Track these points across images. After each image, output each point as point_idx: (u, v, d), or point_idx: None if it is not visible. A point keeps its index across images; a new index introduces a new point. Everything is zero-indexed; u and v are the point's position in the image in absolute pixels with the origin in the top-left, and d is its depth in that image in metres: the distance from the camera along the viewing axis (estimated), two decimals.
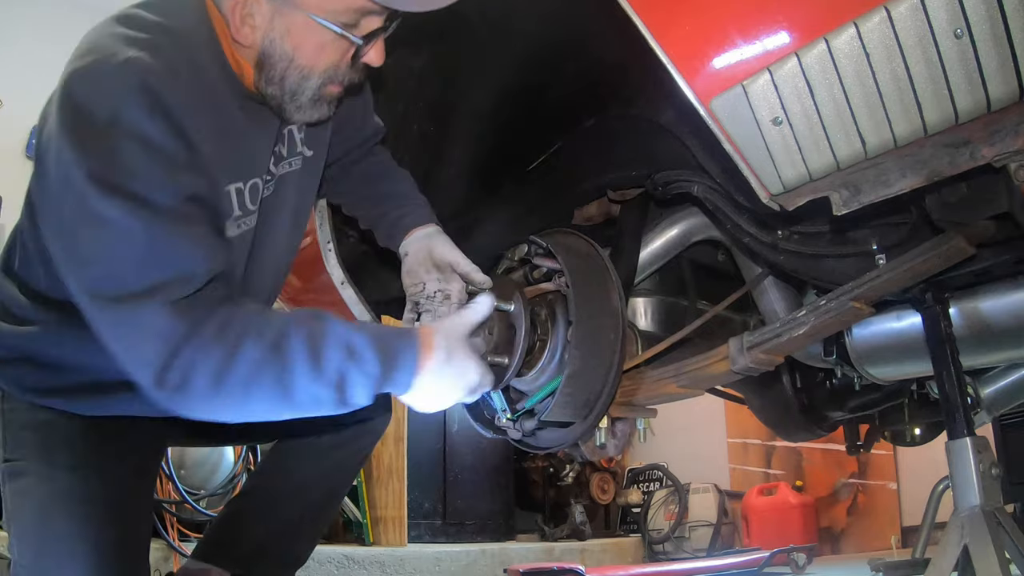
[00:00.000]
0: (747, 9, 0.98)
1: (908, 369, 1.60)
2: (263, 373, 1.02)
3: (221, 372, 1.00)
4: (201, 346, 1.00)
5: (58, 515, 1.20)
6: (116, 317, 1.00)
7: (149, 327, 0.99)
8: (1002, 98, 0.91)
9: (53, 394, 1.25)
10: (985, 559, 1.15)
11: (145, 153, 1.01)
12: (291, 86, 1.16)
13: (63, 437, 1.24)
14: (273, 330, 1.04)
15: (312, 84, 1.16)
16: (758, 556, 3.96)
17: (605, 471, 5.68)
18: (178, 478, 3.10)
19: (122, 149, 0.99)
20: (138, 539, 1.32)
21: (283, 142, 1.32)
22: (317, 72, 1.15)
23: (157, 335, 0.99)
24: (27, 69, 3.69)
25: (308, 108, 1.19)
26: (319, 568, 3.24)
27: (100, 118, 1.00)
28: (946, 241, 1.17)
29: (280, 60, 1.13)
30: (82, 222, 1.00)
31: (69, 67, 1.04)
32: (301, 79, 1.15)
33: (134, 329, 1.00)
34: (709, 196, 1.40)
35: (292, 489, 1.56)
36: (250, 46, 1.14)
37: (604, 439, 1.48)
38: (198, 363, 0.99)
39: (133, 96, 1.00)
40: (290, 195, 1.36)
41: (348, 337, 1.08)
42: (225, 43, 1.15)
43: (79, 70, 1.03)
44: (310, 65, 1.14)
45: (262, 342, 1.03)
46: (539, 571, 3.53)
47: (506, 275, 1.52)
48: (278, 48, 1.12)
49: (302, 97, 1.17)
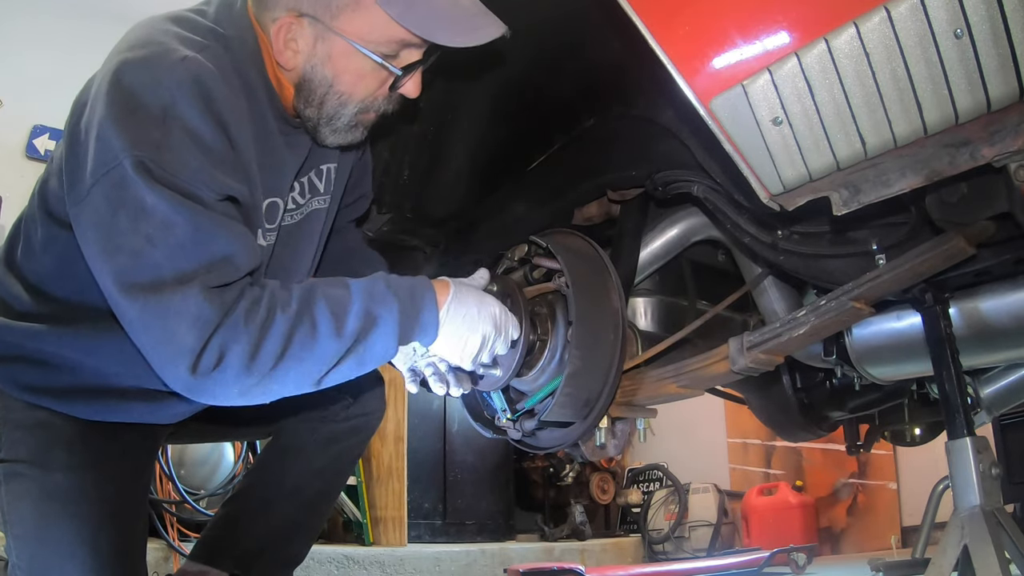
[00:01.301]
0: (747, 9, 0.98)
1: (908, 369, 1.59)
2: (292, 344, 1.03)
3: (254, 350, 1.01)
4: (233, 327, 1.00)
5: (56, 516, 1.20)
6: (149, 308, 0.99)
7: (185, 314, 0.99)
8: (1002, 98, 0.91)
9: (50, 394, 1.24)
10: (985, 559, 1.15)
11: (194, 148, 1.02)
12: (329, 111, 1.19)
13: (60, 437, 1.24)
14: (298, 300, 1.06)
15: (349, 111, 1.19)
16: (758, 556, 3.95)
17: (605, 471, 5.68)
18: (178, 478, 3.10)
19: (172, 141, 1.01)
20: (135, 539, 1.32)
21: (320, 177, 1.35)
22: (355, 100, 1.19)
23: (193, 322, 0.99)
24: (27, 69, 3.69)
25: (343, 132, 1.23)
26: (319, 568, 3.24)
27: (153, 108, 1.01)
28: (946, 241, 1.17)
29: (320, 85, 1.16)
30: (122, 209, 1.00)
31: (119, 56, 1.05)
32: (339, 105, 1.18)
33: (168, 318, 0.99)
34: (709, 196, 1.40)
35: (287, 488, 1.56)
36: (292, 69, 1.16)
37: (604, 439, 1.48)
38: (231, 343, 1.00)
39: (188, 92, 1.02)
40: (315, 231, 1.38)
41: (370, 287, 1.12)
42: (268, 61, 1.18)
43: (133, 60, 1.04)
44: (349, 92, 1.17)
45: (288, 313, 1.04)
46: (539, 571, 3.53)
47: (506, 275, 1.52)
48: (319, 73, 1.15)
49: (338, 122, 1.20)
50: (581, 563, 4.16)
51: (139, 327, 1.02)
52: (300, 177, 1.32)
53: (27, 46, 3.82)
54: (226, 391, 1.04)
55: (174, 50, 1.05)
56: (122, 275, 1.00)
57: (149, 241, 0.99)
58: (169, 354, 1.01)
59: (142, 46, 1.06)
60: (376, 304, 1.10)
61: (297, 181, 1.31)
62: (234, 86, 1.10)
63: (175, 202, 0.99)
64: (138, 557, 1.32)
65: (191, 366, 1.00)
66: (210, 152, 1.04)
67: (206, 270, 1.01)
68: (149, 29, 1.10)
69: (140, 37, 1.09)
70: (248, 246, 1.07)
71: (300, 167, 1.30)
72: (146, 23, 1.13)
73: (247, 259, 1.05)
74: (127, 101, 1.01)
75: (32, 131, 3.93)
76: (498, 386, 1.39)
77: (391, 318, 1.10)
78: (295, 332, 1.04)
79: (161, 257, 0.99)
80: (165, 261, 0.99)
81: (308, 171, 1.33)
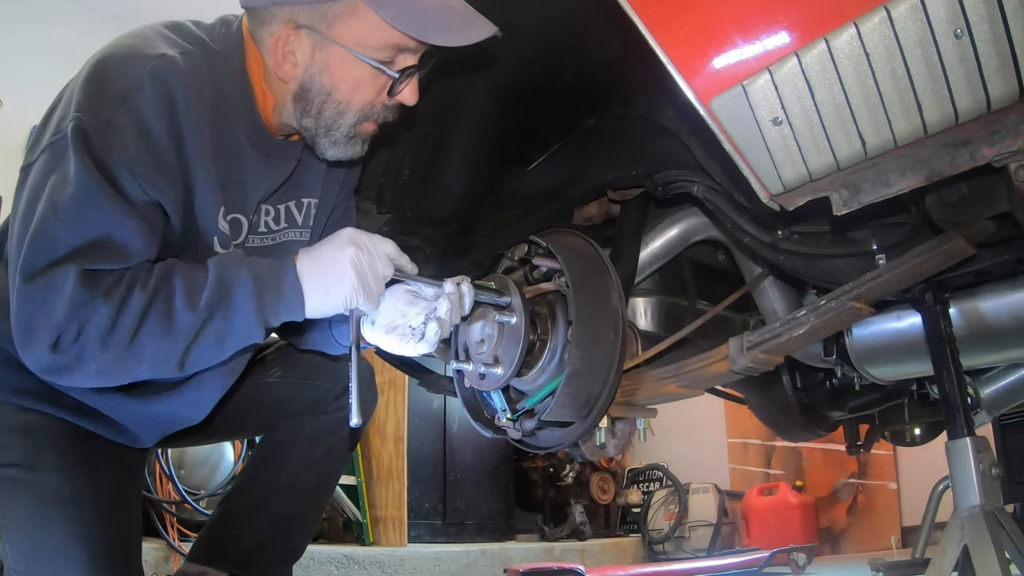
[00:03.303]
0: (747, 9, 0.98)
1: (908, 369, 1.60)
2: (148, 318, 1.03)
3: (111, 324, 1.01)
4: (92, 302, 1.01)
5: (50, 518, 1.19)
6: (37, 283, 1.00)
7: (62, 291, 0.99)
8: (1002, 98, 0.91)
9: (39, 397, 1.24)
10: (985, 559, 1.15)
11: (139, 139, 1.04)
12: (327, 120, 1.19)
13: (51, 439, 1.24)
14: (156, 277, 1.06)
15: (348, 120, 1.20)
16: (758, 556, 3.95)
17: (605, 471, 5.69)
18: (178, 478, 3.10)
19: (120, 123, 1.03)
20: (131, 538, 1.32)
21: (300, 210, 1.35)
22: (354, 108, 1.19)
23: (67, 299, 0.99)
24: (27, 69, 3.69)
25: (342, 144, 1.22)
26: (319, 568, 3.24)
27: (116, 89, 1.04)
28: (946, 241, 1.17)
29: (318, 94, 1.17)
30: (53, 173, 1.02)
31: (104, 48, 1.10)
32: (337, 114, 1.19)
33: (49, 293, 1.00)
34: (709, 196, 1.40)
35: (282, 483, 1.56)
36: (290, 81, 1.17)
37: (604, 439, 1.48)
38: (90, 316, 1.01)
39: (152, 85, 1.05)
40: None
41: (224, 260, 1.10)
42: (254, 78, 1.19)
43: (115, 48, 1.09)
44: (347, 100, 1.18)
45: (147, 289, 1.04)
46: (539, 571, 3.53)
47: (506, 275, 1.52)
48: (317, 82, 1.16)
49: (337, 132, 1.20)
50: (581, 563, 4.16)
51: (16, 304, 1.02)
52: (277, 203, 1.32)
53: (27, 47, 3.83)
54: (83, 368, 1.04)
55: (155, 47, 1.09)
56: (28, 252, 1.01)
57: (55, 211, 1.01)
58: (36, 331, 1.01)
59: (128, 39, 1.11)
60: (230, 274, 1.08)
61: (273, 206, 1.31)
62: (203, 95, 1.12)
63: (94, 180, 1.01)
64: (134, 556, 1.32)
65: (52, 343, 1.01)
66: (152, 149, 1.05)
67: (95, 251, 1.01)
68: (142, 28, 1.15)
69: (131, 32, 1.13)
70: (145, 245, 1.07)
71: (276, 189, 1.29)
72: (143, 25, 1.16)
73: (138, 254, 1.06)
74: (97, 77, 1.05)
75: (32, 131, 3.93)
76: (498, 385, 1.39)
77: (246, 289, 1.08)
78: (151, 307, 1.03)
79: (60, 231, 1.01)
80: (62, 235, 1.01)
81: (287, 199, 1.33)
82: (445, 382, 1.94)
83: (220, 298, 1.07)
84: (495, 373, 1.35)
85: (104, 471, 1.27)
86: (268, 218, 1.31)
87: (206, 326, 1.06)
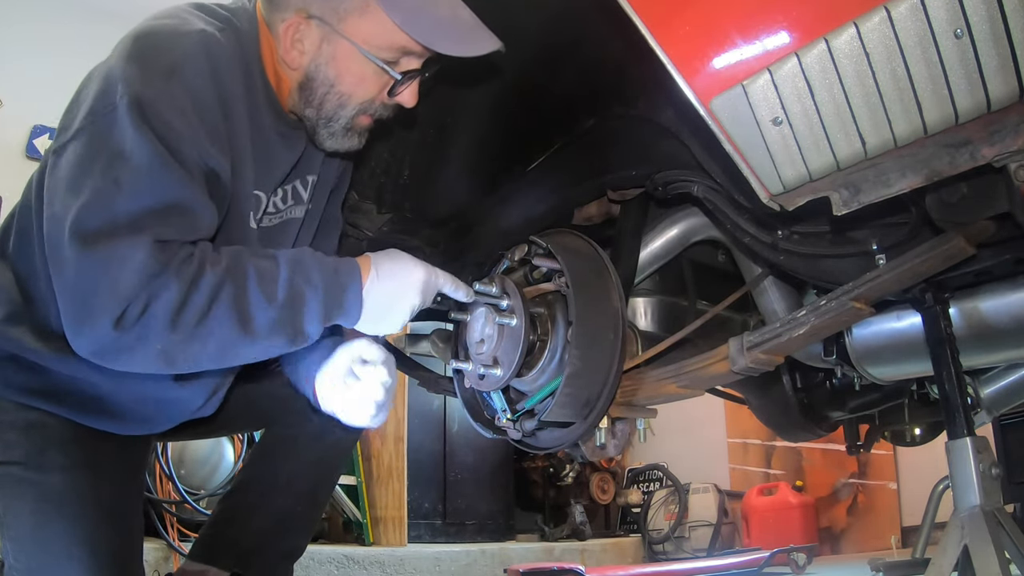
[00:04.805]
0: (747, 9, 0.98)
1: (908, 369, 1.59)
2: (219, 301, 1.02)
3: (181, 301, 0.99)
4: (164, 276, 0.98)
5: (52, 517, 1.20)
6: (95, 254, 0.97)
7: (130, 261, 0.97)
8: (1002, 98, 0.90)
9: (42, 395, 1.24)
10: (985, 559, 1.15)
11: (192, 110, 1.05)
12: (328, 111, 1.22)
13: (53, 438, 1.24)
14: (227, 258, 1.05)
15: (347, 112, 1.23)
16: (758, 556, 3.96)
17: (605, 471, 5.69)
18: (178, 478, 3.11)
19: (173, 94, 1.04)
20: (132, 537, 1.32)
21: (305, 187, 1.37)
22: (354, 102, 1.22)
23: (136, 270, 0.97)
24: (27, 69, 3.69)
25: (340, 136, 1.25)
26: (319, 568, 3.24)
27: (163, 64, 1.04)
28: (946, 241, 1.17)
29: (321, 85, 1.20)
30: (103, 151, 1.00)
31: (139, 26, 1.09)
32: (338, 106, 1.22)
33: (112, 264, 0.96)
34: (709, 196, 1.40)
35: (282, 481, 1.56)
36: (297, 68, 1.20)
37: (604, 439, 1.48)
38: (160, 291, 0.98)
39: (199, 58, 1.07)
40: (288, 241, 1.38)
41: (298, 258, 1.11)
42: (267, 59, 1.22)
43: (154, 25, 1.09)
44: (349, 93, 1.21)
45: (218, 269, 1.03)
46: (539, 571, 3.53)
47: (506, 275, 1.52)
48: (322, 73, 1.19)
49: (336, 124, 1.24)
50: (581, 563, 4.16)
51: (73, 276, 0.98)
52: (285, 184, 1.33)
53: (27, 46, 3.83)
54: (146, 348, 1.00)
55: (194, 23, 1.11)
56: (79, 219, 0.98)
57: (116, 184, 0.99)
58: (97, 306, 0.96)
59: (163, 18, 1.11)
60: (300, 277, 1.09)
61: (282, 187, 1.32)
62: (238, 70, 1.15)
63: (156, 151, 1.00)
64: (136, 556, 1.32)
65: (117, 318, 0.96)
66: (205, 120, 1.06)
67: (162, 223, 1.00)
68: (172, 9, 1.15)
69: (161, 12, 1.13)
70: (211, 216, 1.08)
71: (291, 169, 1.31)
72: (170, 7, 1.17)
73: (205, 226, 1.06)
74: (140, 54, 1.04)
75: (32, 131, 3.93)
76: (498, 386, 1.39)
77: (316, 294, 1.08)
78: (222, 288, 1.02)
79: (123, 202, 0.98)
80: (125, 206, 0.98)
81: (293, 179, 1.35)
82: (445, 382, 1.94)
83: (293, 300, 1.07)
84: (495, 374, 1.35)
85: (106, 470, 1.27)
86: (276, 198, 1.32)
87: (278, 324, 1.06)
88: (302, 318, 1.08)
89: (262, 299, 1.04)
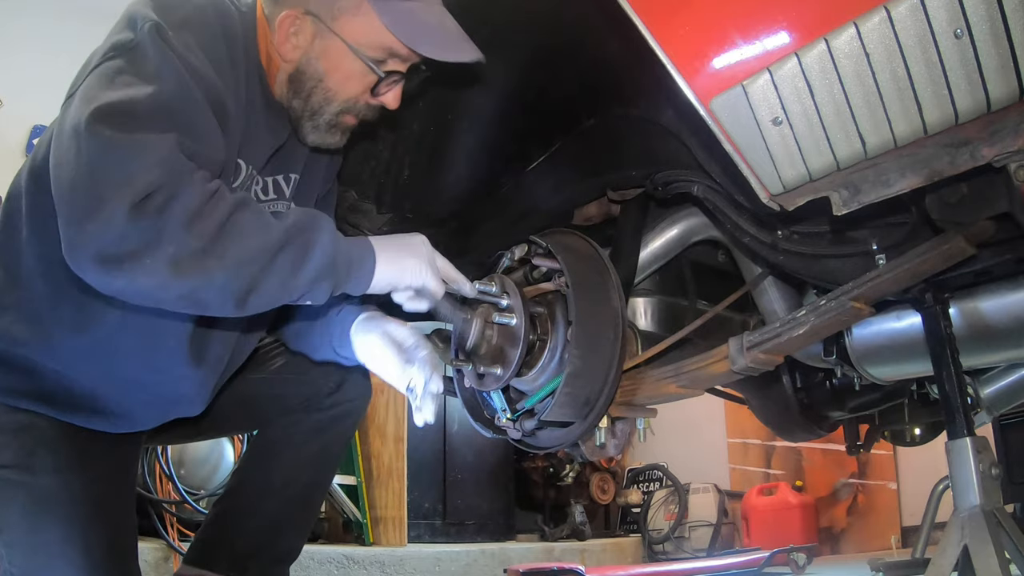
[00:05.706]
0: (747, 9, 0.98)
1: (908, 369, 1.59)
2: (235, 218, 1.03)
3: (201, 207, 0.99)
4: (188, 182, 0.99)
5: (45, 519, 1.20)
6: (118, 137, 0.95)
7: (156, 151, 0.97)
8: (1002, 98, 0.91)
9: (30, 397, 1.24)
10: (985, 559, 1.15)
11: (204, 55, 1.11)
12: (314, 105, 1.27)
13: (43, 439, 1.24)
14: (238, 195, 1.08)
15: (332, 108, 1.28)
16: (758, 556, 3.96)
17: (605, 471, 5.69)
18: (178, 478, 3.10)
19: (191, 30, 1.10)
20: (126, 536, 1.32)
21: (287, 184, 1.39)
22: (340, 99, 1.27)
23: (159, 161, 0.97)
24: (27, 69, 3.69)
25: (323, 130, 1.30)
26: (319, 568, 3.24)
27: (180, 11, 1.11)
28: (946, 241, 1.17)
29: (311, 79, 1.25)
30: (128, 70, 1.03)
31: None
32: (324, 101, 1.27)
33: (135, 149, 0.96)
34: (709, 196, 1.40)
35: (277, 482, 1.56)
36: (289, 61, 1.25)
37: (604, 439, 1.48)
38: (183, 191, 0.98)
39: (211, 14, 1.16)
40: None
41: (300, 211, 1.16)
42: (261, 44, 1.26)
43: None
44: (335, 90, 1.26)
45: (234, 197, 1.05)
46: (539, 571, 3.53)
47: (506, 275, 1.52)
48: (312, 67, 1.25)
49: (320, 118, 1.28)
50: (581, 563, 4.16)
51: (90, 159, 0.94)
52: (266, 175, 1.35)
53: (27, 46, 3.83)
54: (157, 251, 0.95)
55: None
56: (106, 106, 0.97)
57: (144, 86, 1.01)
58: (115, 190, 0.92)
59: None
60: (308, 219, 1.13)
61: (263, 178, 1.34)
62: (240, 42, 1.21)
63: (179, 73, 1.05)
64: (130, 555, 1.32)
65: (134, 203, 0.92)
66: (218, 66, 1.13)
67: (186, 135, 1.03)
68: None
69: None
70: (222, 150, 1.12)
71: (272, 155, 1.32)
72: None
73: (216, 154, 1.10)
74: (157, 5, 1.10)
75: (32, 131, 3.93)
76: (498, 385, 1.39)
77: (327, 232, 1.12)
78: (238, 209, 1.04)
79: (149, 107, 1.00)
80: (152, 105, 1.01)
81: (275, 173, 1.36)
82: (445, 382, 1.94)
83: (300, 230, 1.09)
84: (495, 373, 1.35)
85: (97, 470, 1.27)
86: (258, 188, 1.34)
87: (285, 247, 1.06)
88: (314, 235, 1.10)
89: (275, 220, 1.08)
